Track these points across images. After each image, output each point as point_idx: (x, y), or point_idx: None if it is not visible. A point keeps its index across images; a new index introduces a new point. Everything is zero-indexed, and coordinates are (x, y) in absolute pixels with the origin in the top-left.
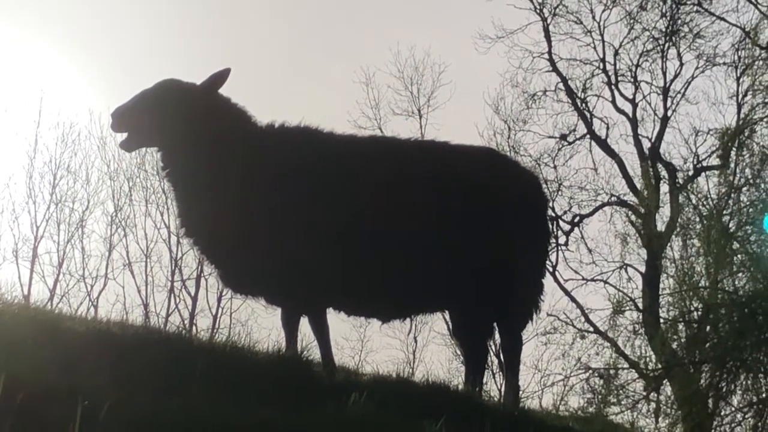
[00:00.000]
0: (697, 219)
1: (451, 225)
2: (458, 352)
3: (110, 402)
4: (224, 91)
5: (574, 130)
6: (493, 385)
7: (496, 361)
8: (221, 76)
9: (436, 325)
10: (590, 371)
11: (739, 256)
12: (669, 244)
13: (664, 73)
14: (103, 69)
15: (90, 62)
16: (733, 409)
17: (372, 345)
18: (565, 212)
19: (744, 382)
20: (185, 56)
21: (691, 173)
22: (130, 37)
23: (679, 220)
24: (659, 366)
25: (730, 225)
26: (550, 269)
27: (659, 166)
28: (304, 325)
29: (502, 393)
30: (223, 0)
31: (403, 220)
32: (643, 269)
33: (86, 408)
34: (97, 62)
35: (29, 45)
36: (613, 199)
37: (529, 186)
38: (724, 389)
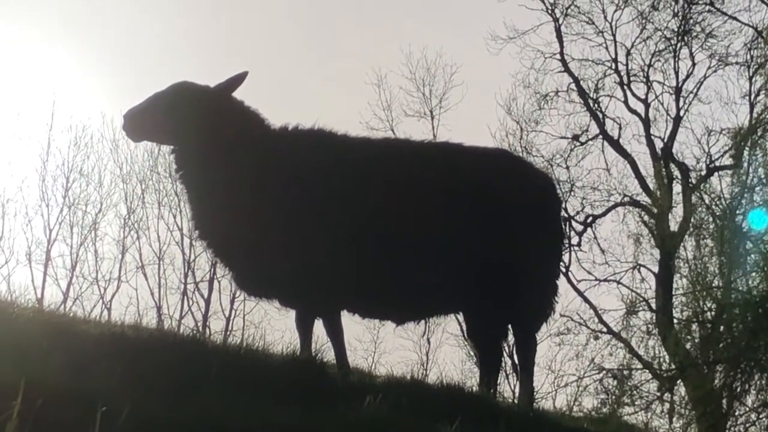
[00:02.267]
0: (710, 219)
1: (462, 227)
2: (472, 354)
3: (129, 406)
4: (237, 93)
5: (587, 131)
6: (507, 387)
7: (510, 362)
8: (238, 80)
9: (449, 326)
10: (604, 372)
11: (752, 255)
12: (682, 245)
13: (677, 73)
14: (115, 72)
15: (102, 65)
16: (747, 409)
17: (385, 346)
18: (577, 213)
19: (758, 382)
20: (197, 59)
21: (704, 173)
22: (142, 39)
23: (692, 220)
24: (673, 366)
25: (743, 225)
26: (563, 270)
27: (672, 166)
28: (319, 326)
29: (517, 394)
30: (235, 2)
31: (415, 222)
32: (656, 269)
33: (102, 412)
34: (109, 65)
35: (41, 48)
36: (625, 199)
37: (542, 188)
38: (738, 389)
